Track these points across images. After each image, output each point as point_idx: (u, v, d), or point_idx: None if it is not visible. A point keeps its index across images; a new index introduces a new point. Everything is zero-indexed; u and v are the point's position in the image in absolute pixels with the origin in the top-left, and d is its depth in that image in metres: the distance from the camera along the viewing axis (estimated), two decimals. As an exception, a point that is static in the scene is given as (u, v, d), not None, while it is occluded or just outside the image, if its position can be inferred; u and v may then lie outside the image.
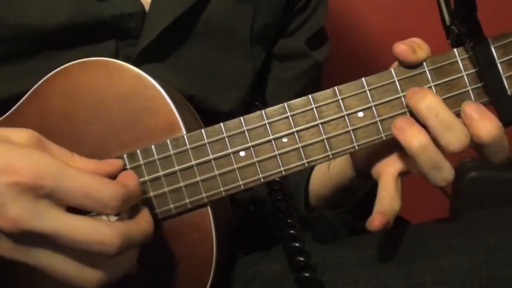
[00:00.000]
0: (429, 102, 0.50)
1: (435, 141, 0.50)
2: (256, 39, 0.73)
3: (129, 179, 0.49)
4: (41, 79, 0.57)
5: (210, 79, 0.70)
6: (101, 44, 0.64)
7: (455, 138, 0.49)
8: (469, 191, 1.26)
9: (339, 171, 0.66)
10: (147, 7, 0.65)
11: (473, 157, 1.27)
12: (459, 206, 1.26)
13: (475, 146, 0.51)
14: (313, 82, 0.82)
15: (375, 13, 1.21)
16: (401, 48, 0.51)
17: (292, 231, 0.61)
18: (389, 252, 0.58)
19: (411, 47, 0.51)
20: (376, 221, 0.50)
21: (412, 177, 0.55)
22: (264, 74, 0.80)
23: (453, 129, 0.49)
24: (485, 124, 0.49)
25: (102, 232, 0.44)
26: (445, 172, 0.50)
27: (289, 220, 0.62)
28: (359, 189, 0.68)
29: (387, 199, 0.53)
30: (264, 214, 0.75)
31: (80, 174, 0.45)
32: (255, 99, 0.76)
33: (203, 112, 0.63)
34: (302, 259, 0.58)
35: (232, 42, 0.71)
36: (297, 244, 0.59)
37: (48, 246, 0.45)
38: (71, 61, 0.56)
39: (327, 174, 0.69)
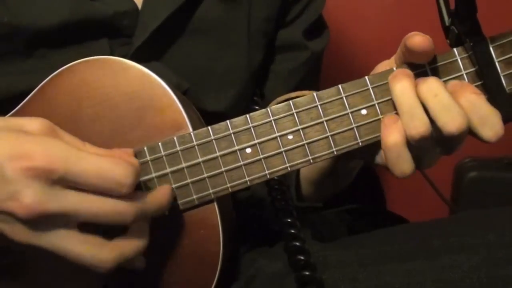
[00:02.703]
0: (429, 84, 0.51)
1: (433, 123, 0.51)
2: (255, 34, 0.73)
3: (128, 156, 0.50)
4: (36, 78, 0.57)
5: (206, 75, 0.70)
6: (94, 43, 0.64)
7: (450, 119, 0.50)
8: (469, 191, 1.26)
9: None
10: (139, 6, 0.66)
11: (473, 157, 1.29)
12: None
13: None
14: (311, 74, 0.82)
15: (376, 12, 1.23)
16: (419, 38, 0.51)
17: (292, 231, 0.62)
18: (389, 250, 0.58)
19: (426, 37, 0.51)
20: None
21: (411, 177, 0.56)
22: (265, 67, 0.79)
23: (450, 111, 0.50)
24: (465, 91, 0.52)
25: (121, 205, 0.46)
26: (418, 120, 0.51)
27: (289, 220, 0.63)
28: (345, 172, 0.68)
29: None
30: (264, 213, 0.75)
31: (91, 156, 0.46)
32: (253, 94, 0.76)
33: (200, 111, 0.63)
34: (302, 258, 0.58)
35: (228, 38, 0.71)
36: (297, 243, 0.60)
37: (65, 228, 0.45)
38: (66, 60, 0.57)
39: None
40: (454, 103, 0.50)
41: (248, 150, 0.54)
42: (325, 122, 0.54)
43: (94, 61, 0.56)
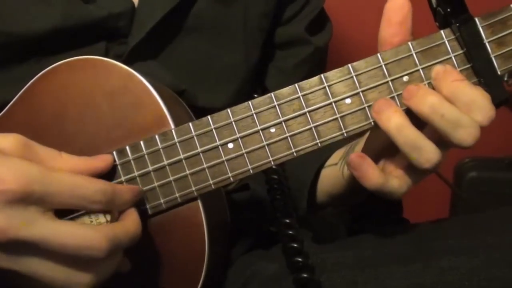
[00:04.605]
0: (431, 104, 0.48)
1: (445, 138, 0.48)
2: (251, 30, 0.72)
3: (127, 187, 0.50)
4: None
5: (203, 73, 0.70)
6: (91, 47, 0.64)
7: (466, 134, 0.47)
8: (469, 191, 1.26)
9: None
10: (136, 5, 0.65)
11: (473, 157, 1.28)
12: (459, 193, 1.24)
13: None
14: (316, 69, 0.80)
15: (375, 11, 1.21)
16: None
17: (290, 232, 0.61)
18: (388, 252, 0.57)
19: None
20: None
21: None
22: (264, 63, 0.78)
23: (462, 126, 0.47)
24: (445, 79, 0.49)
25: (90, 236, 0.45)
26: (426, 152, 0.48)
27: (287, 220, 0.62)
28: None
29: None
30: (263, 214, 0.74)
31: (64, 176, 0.46)
32: (254, 91, 0.75)
33: (198, 109, 0.62)
34: (300, 259, 0.58)
35: (224, 35, 0.70)
36: (295, 245, 0.59)
37: (37, 253, 0.45)
38: None
39: (339, 175, 0.67)
40: (462, 116, 0.47)
41: (230, 145, 0.53)
42: (307, 113, 0.52)
43: (76, 62, 0.56)
